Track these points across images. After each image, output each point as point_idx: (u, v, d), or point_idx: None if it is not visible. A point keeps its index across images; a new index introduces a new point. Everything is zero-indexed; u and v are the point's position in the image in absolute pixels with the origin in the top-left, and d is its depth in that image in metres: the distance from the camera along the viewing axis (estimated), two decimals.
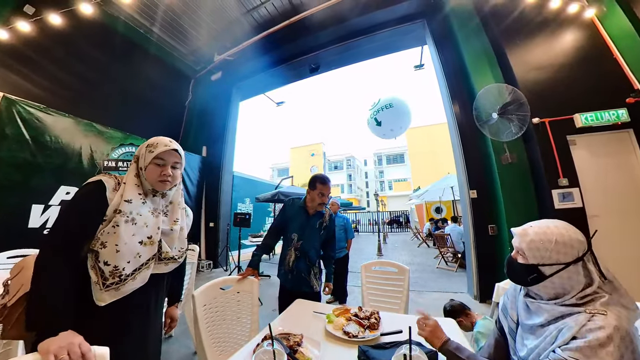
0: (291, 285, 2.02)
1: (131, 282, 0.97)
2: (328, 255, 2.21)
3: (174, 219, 1.15)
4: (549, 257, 0.78)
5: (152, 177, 1.06)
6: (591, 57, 3.45)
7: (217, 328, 1.54)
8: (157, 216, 1.07)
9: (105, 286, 0.92)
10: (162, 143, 1.08)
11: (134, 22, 5.26)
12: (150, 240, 1.02)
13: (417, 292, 4.29)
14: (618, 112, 3.17)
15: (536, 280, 0.81)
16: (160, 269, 1.08)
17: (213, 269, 5.90)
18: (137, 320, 1.04)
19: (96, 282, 0.91)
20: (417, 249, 9.78)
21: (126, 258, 0.95)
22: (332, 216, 2.20)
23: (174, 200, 1.18)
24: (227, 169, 6.47)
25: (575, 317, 0.72)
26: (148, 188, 1.07)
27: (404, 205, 23.54)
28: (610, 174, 3.24)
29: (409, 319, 1.38)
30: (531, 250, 0.81)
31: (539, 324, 0.80)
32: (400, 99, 6.20)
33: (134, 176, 1.06)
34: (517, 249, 0.87)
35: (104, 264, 0.92)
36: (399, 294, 2.11)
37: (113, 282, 0.93)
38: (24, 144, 3.36)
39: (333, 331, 1.30)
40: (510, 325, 0.95)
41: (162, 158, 1.06)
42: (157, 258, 1.06)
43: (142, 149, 1.09)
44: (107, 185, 0.99)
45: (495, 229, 3.74)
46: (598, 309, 0.70)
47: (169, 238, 1.11)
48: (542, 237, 0.81)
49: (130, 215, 0.98)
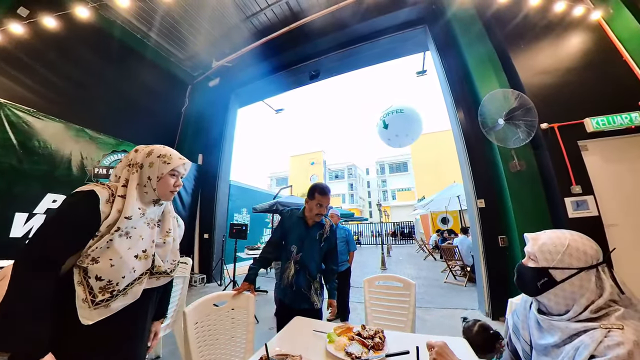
0: (290, 301, 1.89)
1: (122, 298, 0.91)
2: (330, 269, 2.06)
3: (166, 230, 1.10)
4: (561, 260, 0.77)
5: (165, 188, 1.03)
6: (599, 60, 3.37)
7: (209, 348, 1.45)
8: (152, 228, 1.03)
9: (94, 304, 0.85)
10: (175, 156, 1.07)
11: (131, 26, 5.25)
12: (145, 254, 0.97)
13: (425, 308, 4.05)
14: (631, 115, 3.06)
15: (546, 286, 0.79)
16: (152, 283, 1.03)
17: (207, 283, 5.65)
18: (125, 339, 0.97)
19: (84, 299, 0.85)
20: (423, 262, 9.50)
21: (122, 273, 0.89)
22: (332, 227, 2.07)
23: (165, 209, 1.13)
24: (223, 178, 6.33)
25: (591, 333, 0.69)
26: (153, 198, 1.03)
27: (408, 215, 23.23)
28: (626, 180, 3.09)
29: (416, 339, 1.34)
30: (542, 253, 0.80)
31: (553, 343, 0.77)
32: (413, 108, 6.21)
33: (137, 187, 0.99)
34: (528, 254, 0.85)
35: (95, 279, 0.85)
36: (405, 310, 1.97)
37: (103, 298, 0.86)
38: (10, 149, 3.28)
39: (334, 352, 1.22)
40: (524, 347, 0.91)
41: (177, 171, 1.07)
42: (150, 272, 1.00)
43: (150, 157, 1.03)
44: (101, 196, 0.90)
45: (505, 240, 3.55)
46: (614, 323, 0.68)
47: (162, 250, 1.06)
48: (555, 240, 0.80)
49: (125, 229, 0.92)
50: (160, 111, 6.10)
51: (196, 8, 4.93)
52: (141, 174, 1.00)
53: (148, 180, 1.00)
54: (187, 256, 3.75)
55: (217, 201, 6.08)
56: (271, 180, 47.84)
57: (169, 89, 6.37)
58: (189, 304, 1.43)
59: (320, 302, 1.95)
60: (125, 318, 0.94)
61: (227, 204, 6.54)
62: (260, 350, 1.17)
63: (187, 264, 3.09)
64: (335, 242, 2.10)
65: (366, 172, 48.76)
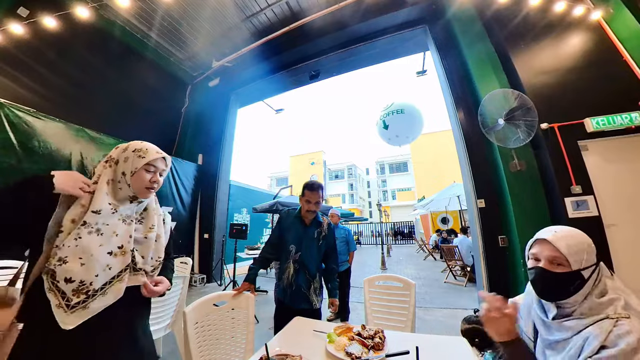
0: (290, 301, 1.89)
1: (101, 298, 0.87)
2: (330, 268, 2.06)
3: (149, 226, 1.06)
4: (587, 259, 0.78)
5: (139, 184, 0.99)
6: (599, 60, 3.36)
7: (210, 348, 1.45)
8: (129, 224, 0.98)
9: (70, 307, 0.81)
10: (152, 149, 1.03)
11: (131, 26, 5.25)
12: (121, 250, 0.93)
13: (425, 308, 4.05)
14: (631, 115, 3.05)
15: (578, 288, 0.77)
16: (137, 280, 0.97)
17: (207, 283, 5.64)
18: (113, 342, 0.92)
19: (58, 304, 0.81)
20: (423, 262, 9.48)
21: (94, 272, 0.86)
22: (330, 225, 2.07)
23: (148, 206, 1.08)
24: (223, 178, 6.32)
25: (599, 324, 0.70)
26: (128, 195, 0.98)
27: (408, 215, 23.14)
28: (626, 180, 3.08)
29: (416, 338, 1.33)
30: (572, 255, 0.78)
31: (561, 339, 0.78)
32: (414, 107, 6.15)
33: (108, 182, 0.96)
34: (550, 258, 0.81)
35: (65, 282, 0.81)
36: (405, 310, 1.97)
37: (79, 300, 0.83)
38: (10, 149, 3.25)
39: (334, 352, 1.22)
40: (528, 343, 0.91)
41: (154, 165, 1.02)
42: (132, 269, 0.96)
43: (126, 152, 1.00)
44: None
45: (505, 240, 3.55)
46: (620, 313, 0.70)
47: (143, 247, 1.02)
48: (577, 239, 0.80)
49: (95, 226, 0.89)
50: (160, 111, 6.08)
51: (196, 8, 4.92)
52: (116, 170, 0.98)
53: (122, 176, 0.97)
54: (187, 256, 3.74)
55: (217, 201, 6.07)
56: (271, 180, 47.77)
57: (169, 88, 6.36)
58: (189, 304, 1.43)
59: (320, 302, 1.95)
60: (110, 319, 0.89)
61: (227, 204, 6.53)
62: (260, 350, 1.16)
63: (187, 264, 3.09)
64: (334, 241, 2.09)
65: (366, 172, 48.69)
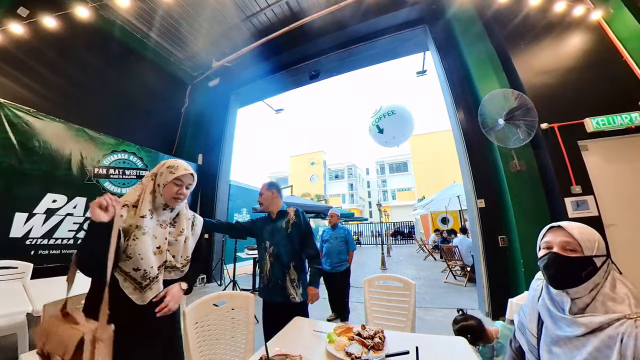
0: (268, 296, 1.97)
1: (156, 283, 1.12)
2: (309, 255, 2.03)
3: (180, 230, 1.26)
4: (598, 247, 0.80)
5: (168, 194, 1.20)
6: (599, 60, 3.36)
7: (210, 348, 1.46)
8: (165, 227, 1.20)
9: (142, 287, 1.08)
10: (182, 167, 1.24)
11: (131, 26, 5.24)
12: (159, 250, 1.15)
13: (425, 308, 4.05)
14: (631, 115, 3.05)
15: (589, 275, 0.79)
16: (166, 276, 1.19)
17: (207, 283, 5.64)
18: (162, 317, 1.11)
19: (134, 288, 1.07)
20: (422, 262, 9.48)
21: (149, 264, 1.10)
22: (298, 211, 2.09)
23: (180, 212, 1.30)
24: (223, 178, 6.32)
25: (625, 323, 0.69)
26: (161, 203, 1.20)
27: (408, 215, 23.15)
28: (626, 180, 3.08)
29: (416, 338, 1.34)
30: (584, 242, 0.81)
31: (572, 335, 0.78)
32: (402, 106, 6.15)
33: (150, 192, 1.19)
34: (564, 244, 0.84)
35: (134, 271, 1.06)
36: (405, 310, 1.97)
37: (147, 283, 1.09)
38: (10, 149, 3.26)
39: (334, 352, 1.23)
40: (530, 340, 0.92)
41: (181, 180, 1.22)
42: (164, 266, 1.17)
43: (162, 168, 1.24)
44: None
45: (505, 240, 3.55)
46: (637, 312, 0.70)
47: (174, 248, 1.22)
48: (588, 230, 0.84)
49: (145, 229, 1.11)
50: (160, 111, 6.07)
51: (196, 8, 4.92)
52: (155, 182, 1.21)
53: (158, 187, 1.20)
54: None
55: (218, 201, 6.06)
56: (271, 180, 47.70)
57: (169, 88, 6.35)
58: (189, 304, 1.43)
59: (300, 296, 1.91)
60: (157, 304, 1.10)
61: (227, 203, 6.52)
62: (260, 350, 1.16)
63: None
64: (305, 225, 2.05)
65: (366, 172, 48.68)
